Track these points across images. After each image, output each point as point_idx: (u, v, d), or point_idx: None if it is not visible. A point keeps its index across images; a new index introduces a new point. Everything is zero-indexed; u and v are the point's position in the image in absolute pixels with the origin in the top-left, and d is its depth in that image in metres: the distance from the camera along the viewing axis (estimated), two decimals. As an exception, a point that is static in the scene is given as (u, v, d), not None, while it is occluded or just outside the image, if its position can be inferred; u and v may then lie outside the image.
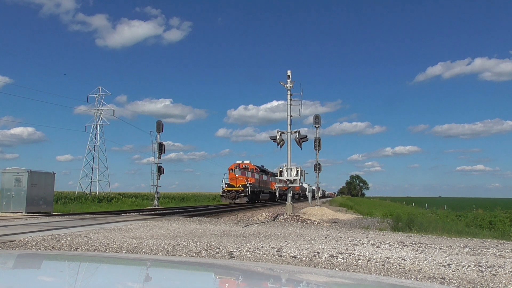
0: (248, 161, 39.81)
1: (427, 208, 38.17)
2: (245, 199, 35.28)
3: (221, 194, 36.84)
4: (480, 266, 5.66)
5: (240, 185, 35.95)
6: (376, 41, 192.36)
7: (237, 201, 35.34)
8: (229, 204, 34.08)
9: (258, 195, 40.56)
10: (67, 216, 15.37)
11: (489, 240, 9.75)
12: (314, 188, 49.45)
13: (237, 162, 39.13)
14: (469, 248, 7.56)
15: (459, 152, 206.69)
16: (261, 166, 45.24)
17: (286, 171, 17.81)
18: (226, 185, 36.51)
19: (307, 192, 54.60)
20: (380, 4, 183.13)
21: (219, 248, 6.85)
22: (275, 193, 47.62)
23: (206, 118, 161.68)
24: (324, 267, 5.64)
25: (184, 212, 19.86)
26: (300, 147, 18.71)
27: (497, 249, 7.57)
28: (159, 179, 28.28)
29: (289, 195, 18.59)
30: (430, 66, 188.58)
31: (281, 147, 18.42)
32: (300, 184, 18.63)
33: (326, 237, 8.73)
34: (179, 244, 7.22)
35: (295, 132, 18.22)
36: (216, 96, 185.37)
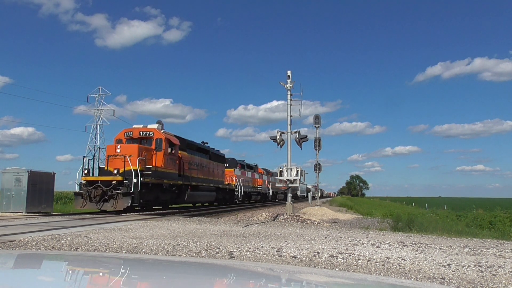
0: (154, 126, 18.98)
1: (427, 208, 38.22)
2: (127, 202, 16.09)
3: (75, 191, 17.35)
4: (480, 266, 5.65)
5: (115, 171, 16.56)
6: (376, 41, 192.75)
7: (109, 205, 16.15)
8: (100, 213, 16.23)
9: (179, 194, 20.63)
10: (67, 216, 15.36)
11: (489, 240, 9.75)
12: (309, 187, 47.91)
13: (134, 126, 19.34)
14: (469, 248, 7.56)
15: (459, 152, 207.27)
16: (203, 142, 25.28)
17: (286, 171, 17.82)
18: (87, 172, 17.17)
19: (298, 192, 51.42)
20: (380, 5, 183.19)
21: (219, 248, 6.85)
22: (232, 191, 29.25)
23: (206, 118, 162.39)
24: (324, 267, 5.64)
25: (184, 212, 19.84)
26: (300, 147, 18.75)
27: (497, 249, 7.57)
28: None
29: (289, 195, 18.60)
30: (430, 66, 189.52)
31: (281, 147, 18.45)
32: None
33: (326, 237, 8.73)
34: (179, 244, 7.22)
35: (295, 132, 18.24)
36: (216, 96, 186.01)
